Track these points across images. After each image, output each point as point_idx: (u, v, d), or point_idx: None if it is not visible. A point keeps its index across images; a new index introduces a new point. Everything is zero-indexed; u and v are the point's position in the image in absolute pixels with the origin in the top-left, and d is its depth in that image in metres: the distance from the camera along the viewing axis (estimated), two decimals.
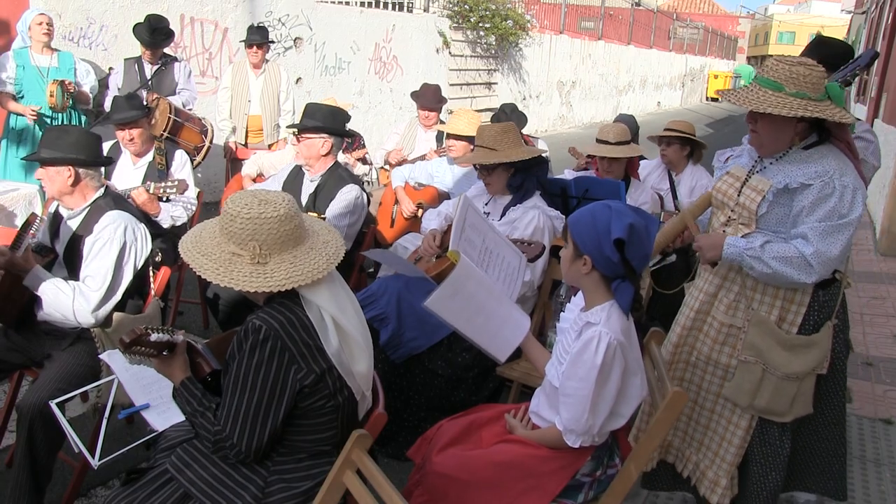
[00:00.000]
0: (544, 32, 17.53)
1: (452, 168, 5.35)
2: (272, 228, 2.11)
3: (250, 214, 2.09)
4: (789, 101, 2.54)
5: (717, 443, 2.96)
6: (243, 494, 2.14)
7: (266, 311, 2.11)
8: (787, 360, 2.74)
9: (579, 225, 2.38)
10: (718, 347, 2.90)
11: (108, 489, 3.26)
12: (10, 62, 5.94)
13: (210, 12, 8.62)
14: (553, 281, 3.95)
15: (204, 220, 2.31)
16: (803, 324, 2.76)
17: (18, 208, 4.73)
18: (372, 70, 11.58)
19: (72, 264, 3.19)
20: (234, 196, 2.18)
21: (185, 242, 2.18)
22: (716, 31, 36.47)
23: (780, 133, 2.66)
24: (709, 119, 23.66)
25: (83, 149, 3.18)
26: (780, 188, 2.64)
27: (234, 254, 2.11)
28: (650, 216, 2.42)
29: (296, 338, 2.10)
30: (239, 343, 2.09)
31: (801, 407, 2.82)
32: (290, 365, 2.09)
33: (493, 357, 2.60)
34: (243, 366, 2.07)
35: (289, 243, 2.15)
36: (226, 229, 2.12)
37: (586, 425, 2.32)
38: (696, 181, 5.17)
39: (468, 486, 2.40)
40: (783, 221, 2.68)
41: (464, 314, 2.51)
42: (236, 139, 6.86)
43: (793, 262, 2.59)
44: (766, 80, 2.62)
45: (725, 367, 2.90)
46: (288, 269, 2.11)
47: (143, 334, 2.18)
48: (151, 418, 2.54)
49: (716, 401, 2.97)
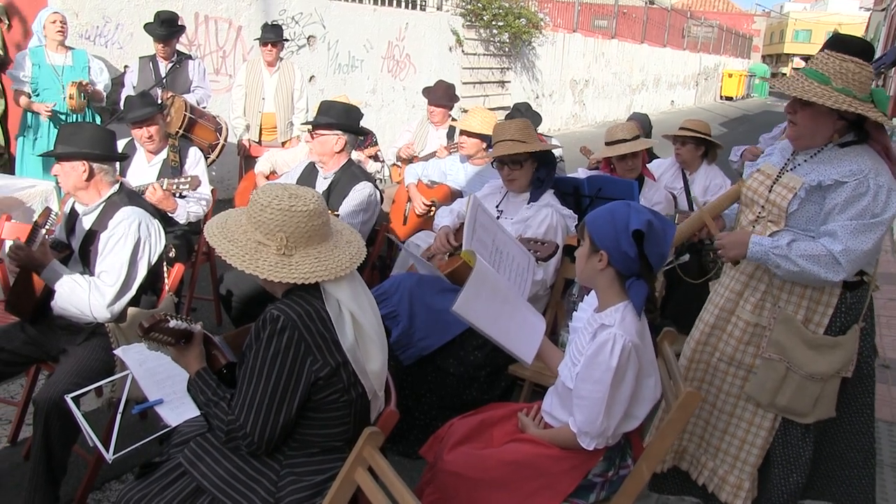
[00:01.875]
0: (557, 31, 17.48)
1: (465, 166, 5.35)
2: (300, 222, 2.14)
3: (281, 206, 2.13)
4: (834, 94, 2.51)
5: (738, 447, 2.92)
6: (256, 488, 2.16)
7: (284, 303, 2.13)
8: (812, 359, 2.71)
9: (597, 220, 2.38)
10: (743, 347, 2.87)
11: (122, 483, 3.28)
12: (26, 61, 6.00)
13: (224, 10, 8.65)
14: (565, 280, 3.95)
15: (230, 209, 2.33)
16: (830, 325, 2.73)
17: (35, 205, 4.76)
18: (385, 68, 11.59)
19: (87, 260, 3.22)
20: (265, 187, 2.22)
21: (212, 227, 2.21)
22: (730, 30, 36.27)
23: (819, 126, 2.62)
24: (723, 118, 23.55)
25: (97, 144, 3.22)
26: (812, 185, 2.61)
27: (261, 243, 2.14)
28: (668, 220, 2.42)
29: (313, 329, 2.11)
30: (256, 332, 2.11)
31: (823, 409, 2.78)
32: (307, 356, 2.11)
33: (520, 359, 2.60)
34: (260, 355, 2.09)
35: (315, 238, 2.18)
36: (254, 218, 2.15)
37: (601, 428, 2.32)
38: (710, 180, 5.15)
39: (479, 485, 2.40)
40: (813, 220, 2.65)
41: (488, 317, 2.51)
42: (250, 137, 6.88)
43: (820, 259, 2.56)
44: (814, 72, 2.58)
45: (749, 368, 2.87)
46: (312, 264, 2.14)
47: (162, 320, 2.21)
48: (165, 413, 2.55)
49: (736, 403, 2.93)
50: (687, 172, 5.23)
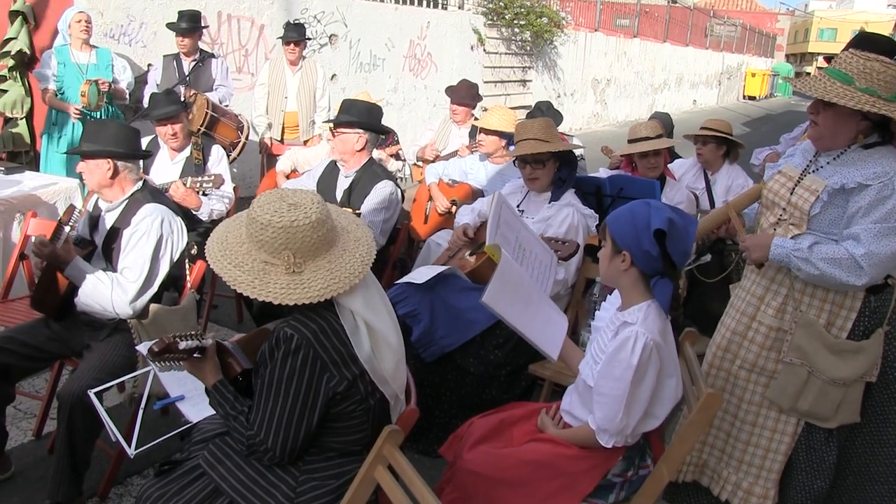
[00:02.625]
0: (579, 30, 17.42)
1: (486, 165, 5.34)
2: (306, 236, 2.04)
3: (282, 223, 2.02)
4: (857, 95, 2.46)
5: (762, 456, 2.87)
6: (274, 493, 2.15)
7: (297, 319, 2.08)
8: (834, 364, 2.65)
9: (618, 221, 2.37)
10: (765, 353, 2.83)
11: (144, 478, 3.31)
12: (52, 59, 6.07)
13: (246, 9, 8.69)
14: (586, 280, 3.93)
15: (226, 220, 2.25)
16: (853, 329, 2.68)
17: (59, 202, 4.80)
18: (406, 67, 11.60)
19: (110, 256, 3.25)
20: (262, 201, 2.09)
21: (213, 251, 2.11)
22: (754, 29, 35.97)
23: (841, 128, 2.57)
24: (745, 118, 23.36)
25: (121, 142, 3.24)
26: (835, 188, 2.55)
27: (267, 262, 2.05)
28: (689, 216, 2.40)
29: (327, 346, 2.08)
30: (270, 351, 2.07)
31: (847, 414, 2.73)
32: (323, 373, 2.08)
33: (547, 355, 2.59)
34: (276, 374, 2.06)
35: (322, 248, 2.09)
36: (256, 238, 2.05)
37: (620, 425, 2.31)
38: (733, 181, 5.11)
39: (498, 484, 2.40)
40: (836, 223, 2.60)
41: (515, 309, 2.50)
42: (272, 135, 6.91)
43: (842, 263, 2.51)
44: (837, 72, 2.53)
45: (771, 374, 2.83)
46: (325, 278, 2.05)
47: (172, 343, 2.18)
48: (186, 410, 2.56)
49: (758, 412, 2.88)
50: (709, 172, 5.20)
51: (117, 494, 3.21)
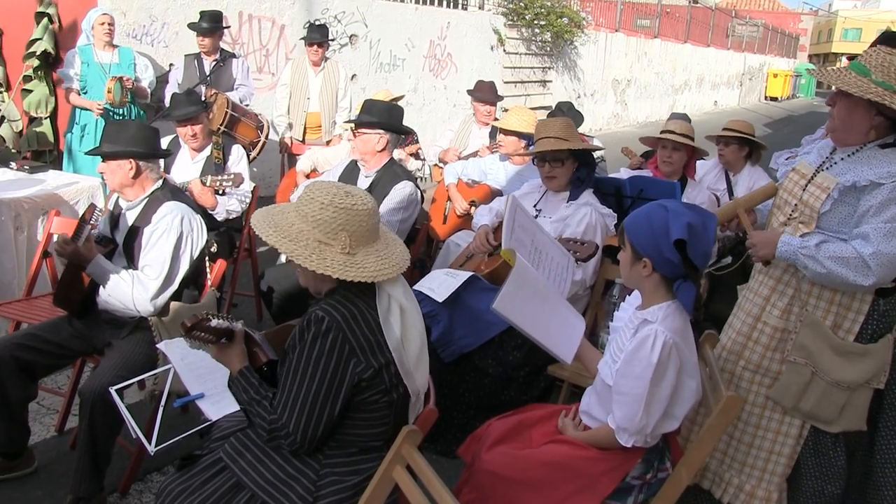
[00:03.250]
0: (600, 30, 17.36)
1: (506, 166, 5.33)
2: (362, 221, 2.14)
3: (343, 204, 2.12)
4: (870, 86, 2.43)
5: (765, 458, 2.84)
6: (295, 486, 2.16)
7: (329, 303, 2.13)
8: (839, 365, 2.62)
9: (636, 227, 2.36)
10: (770, 354, 2.80)
11: (164, 475, 3.33)
12: (75, 59, 6.13)
13: (267, 9, 8.73)
14: (605, 281, 3.92)
15: (265, 207, 2.30)
16: (860, 332, 2.64)
17: (81, 200, 4.85)
18: (426, 67, 11.60)
19: (131, 254, 3.27)
20: (317, 185, 2.19)
21: (263, 226, 2.17)
22: (776, 29, 35.67)
23: (854, 120, 2.54)
24: (767, 119, 23.18)
25: (142, 142, 3.27)
26: (847, 186, 2.52)
27: (322, 242, 2.12)
28: (706, 212, 2.38)
29: (357, 331, 2.12)
30: (301, 332, 2.11)
31: (852, 419, 2.68)
32: (350, 358, 2.11)
33: (560, 358, 2.58)
34: (304, 356, 2.10)
35: (371, 237, 2.19)
36: (313, 217, 2.13)
37: (640, 424, 2.30)
38: (755, 182, 5.06)
39: (516, 486, 2.40)
40: (846, 222, 2.56)
41: (527, 315, 2.50)
42: (293, 135, 6.93)
43: (849, 262, 2.47)
44: (856, 64, 2.52)
45: (775, 375, 2.80)
46: (376, 262, 2.14)
47: (204, 319, 2.22)
48: (206, 408, 2.58)
49: (761, 414, 2.85)
50: (731, 173, 5.16)
51: (137, 491, 3.24)
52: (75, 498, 2.96)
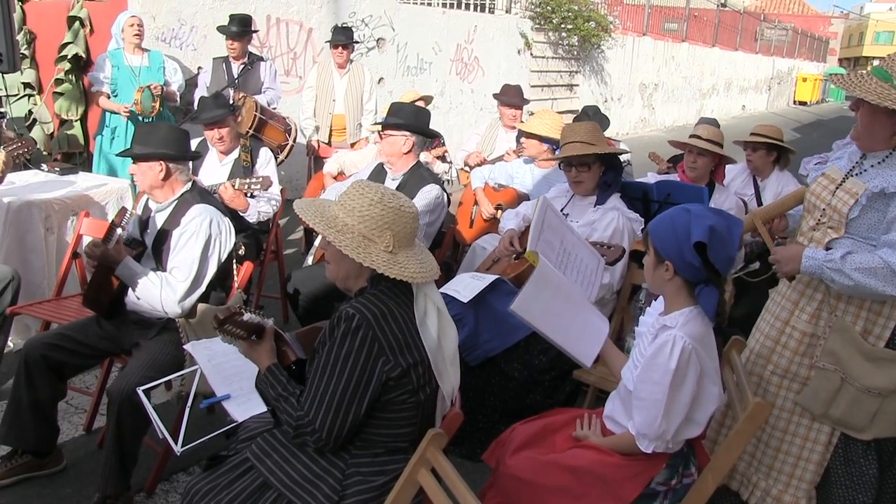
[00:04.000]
0: (627, 34, 17.29)
1: (532, 169, 5.32)
2: (406, 223, 2.20)
3: (392, 203, 2.17)
4: (891, 92, 2.40)
5: (792, 464, 2.82)
6: (321, 486, 2.17)
7: (360, 301, 2.15)
8: (869, 371, 2.58)
9: (658, 230, 2.35)
10: (798, 359, 2.78)
11: (189, 475, 3.35)
12: (106, 63, 6.20)
13: (295, 13, 8.79)
14: (632, 285, 3.90)
15: (305, 198, 2.35)
16: (891, 339, 2.60)
17: (110, 202, 4.90)
18: (453, 71, 11.62)
19: (159, 256, 3.30)
20: (364, 183, 2.24)
21: (310, 215, 2.21)
22: (805, 32, 35.31)
23: (876, 126, 2.51)
24: (796, 123, 22.95)
25: (172, 144, 3.30)
26: (875, 192, 2.49)
27: (366, 238, 2.17)
28: (732, 216, 2.36)
29: (387, 330, 2.13)
30: (331, 329, 2.13)
31: (883, 427, 2.64)
32: (379, 356, 2.12)
33: (579, 362, 2.57)
34: (333, 352, 2.11)
35: (411, 241, 2.24)
36: (361, 213, 2.17)
37: (659, 430, 2.28)
38: (783, 187, 5.01)
39: (540, 490, 2.39)
40: (875, 228, 2.53)
41: (547, 317, 2.50)
42: (319, 138, 6.96)
43: (877, 272, 2.43)
44: (879, 70, 2.49)
45: (804, 381, 2.77)
46: (416, 264, 2.19)
47: (237, 313, 2.24)
48: (232, 409, 2.59)
49: (790, 419, 2.82)
50: (759, 179, 5.11)
51: (163, 490, 3.26)
52: (102, 496, 2.99)
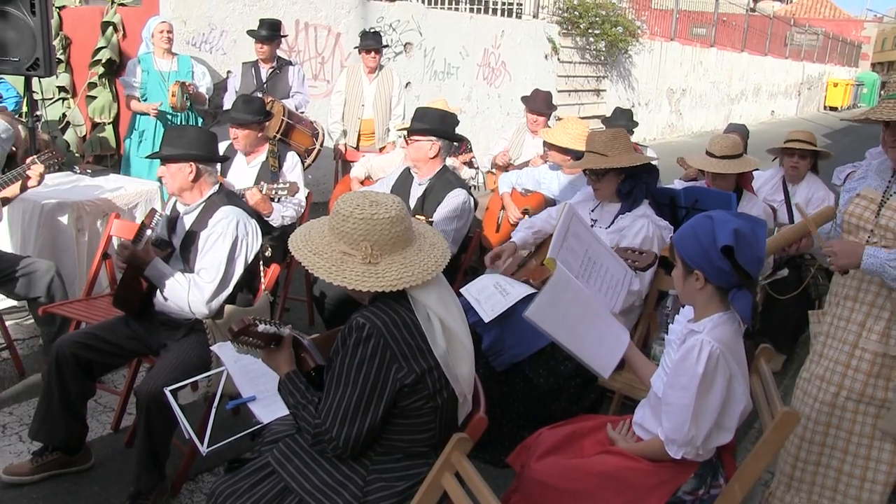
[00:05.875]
0: (655, 39, 17.20)
1: (559, 175, 5.30)
2: (384, 230, 2.14)
3: (363, 215, 2.13)
4: None
5: (857, 486, 2.77)
6: (342, 493, 2.17)
7: (370, 310, 2.14)
8: None
9: (683, 241, 2.34)
10: (873, 381, 2.72)
11: (214, 475, 3.37)
12: (137, 67, 6.30)
13: (324, 18, 8.84)
14: (659, 292, 3.86)
15: (310, 220, 2.35)
16: None
17: (140, 203, 4.96)
18: (480, 75, 11.62)
19: (187, 257, 3.33)
20: (346, 196, 2.21)
21: (296, 240, 2.22)
22: (836, 37, 34.87)
23: None
24: (827, 129, 22.65)
25: (202, 146, 3.33)
26: None
27: (345, 253, 2.14)
28: (755, 218, 2.34)
29: (398, 337, 2.12)
30: (343, 339, 2.13)
31: None
32: (392, 364, 2.11)
33: (596, 372, 2.56)
34: (346, 362, 2.11)
35: (399, 245, 2.18)
36: (337, 229, 2.16)
37: (688, 435, 2.26)
38: (813, 193, 4.96)
39: (566, 495, 2.38)
40: None
41: (563, 325, 2.49)
42: (347, 142, 6.99)
43: None
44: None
45: (881, 402, 2.72)
46: (399, 270, 2.13)
47: (251, 325, 2.25)
48: (257, 410, 2.60)
49: (870, 444, 2.77)
50: (790, 185, 5.06)
51: (189, 490, 3.29)
52: (136, 491, 3.05)
